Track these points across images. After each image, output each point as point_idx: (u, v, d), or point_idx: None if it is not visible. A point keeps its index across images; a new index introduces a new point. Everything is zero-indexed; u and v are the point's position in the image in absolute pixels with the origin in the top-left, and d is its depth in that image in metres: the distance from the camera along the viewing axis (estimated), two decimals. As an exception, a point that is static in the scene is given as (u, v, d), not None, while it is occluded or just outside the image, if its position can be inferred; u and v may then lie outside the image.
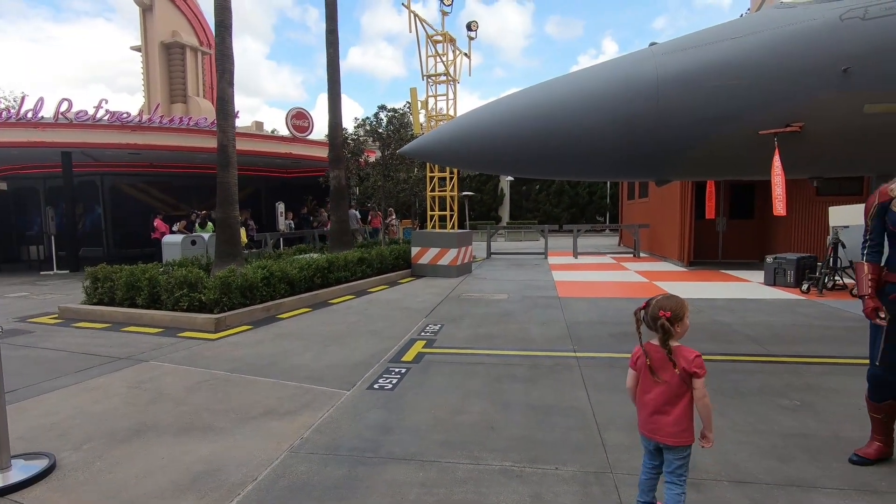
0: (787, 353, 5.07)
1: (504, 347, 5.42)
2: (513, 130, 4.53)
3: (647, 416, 2.19)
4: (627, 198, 21.50)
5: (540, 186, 38.49)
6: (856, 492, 2.54)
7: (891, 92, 3.98)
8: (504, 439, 3.19)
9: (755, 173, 4.92)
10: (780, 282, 9.52)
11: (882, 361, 2.77)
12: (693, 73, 4.20)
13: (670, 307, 2.13)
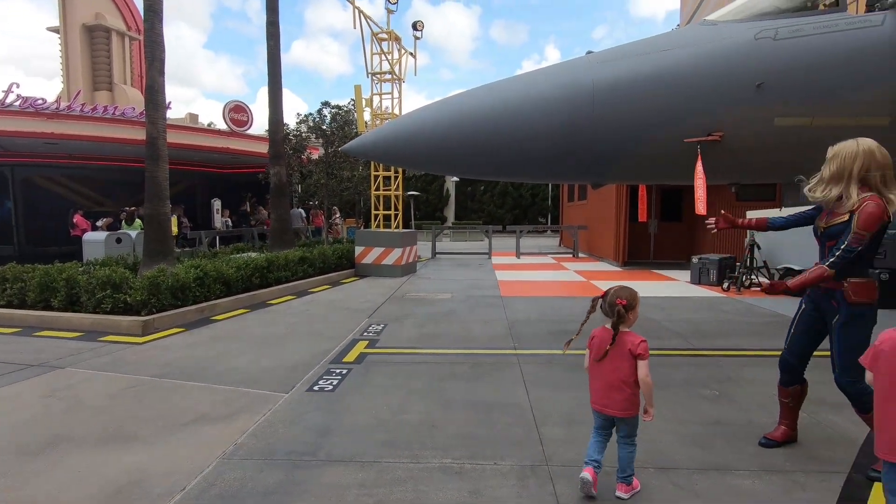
0: (710, 346, 5.44)
1: (447, 346, 5.46)
2: (457, 131, 4.58)
3: (598, 392, 2.53)
4: (567, 200, 22.28)
5: (485, 187, 39.12)
6: (765, 472, 2.77)
7: (797, 107, 4.38)
8: (445, 437, 3.22)
9: (682, 178, 5.24)
10: (704, 281, 10.19)
11: (790, 347, 3.05)
12: (626, 82, 4.42)
13: (626, 296, 2.50)
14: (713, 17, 4.79)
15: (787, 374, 3.09)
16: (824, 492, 2.58)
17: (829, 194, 2.75)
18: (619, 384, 2.45)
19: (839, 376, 2.77)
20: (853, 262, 2.66)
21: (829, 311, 2.82)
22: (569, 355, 5.06)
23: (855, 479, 2.69)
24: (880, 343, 1.96)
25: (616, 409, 2.47)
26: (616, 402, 2.46)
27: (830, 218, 2.79)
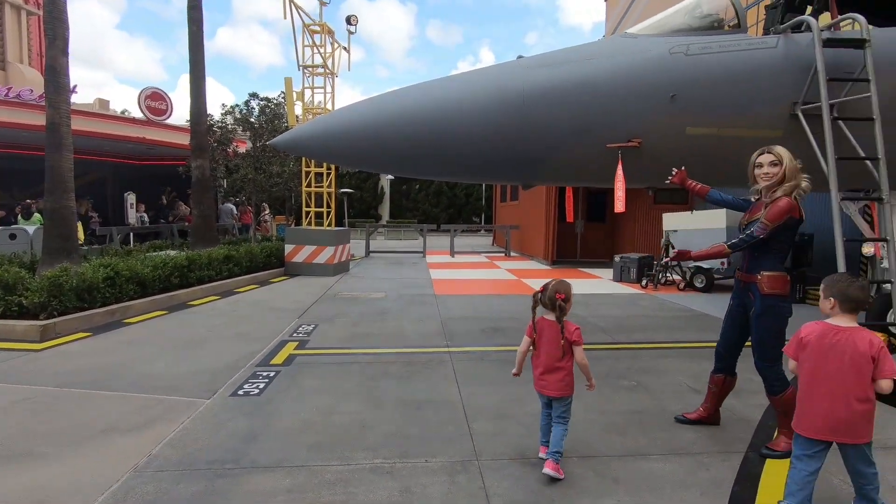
0: (629, 340, 5.79)
1: (380, 346, 5.41)
2: (393, 130, 4.55)
3: (539, 375, 2.80)
4: (500, 200, 22.82)
5: (420, 186, 39.15)
6: (674, 455, 2.99)
7: (706, 117, 4.74)
8: (376, 437, 3.19)
9: (606, 181, 5.52)
10: (625, 278, 10.82)
11: (721, 340, 3.35)
12: (554, 88, 4.59)
13: (564, 290, 2.76)
14: (633, 31, 5.09)
15: (719, 363, 3.39)
16: (725, 470, 2.82)
17: (776, 195, 2.98)
18: (555, 368, 2.73)
19: (758, 361, 3.06)
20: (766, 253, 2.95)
21: (748, 304, 3.11)
22: (500, 351, 5.22)
23: (751, 458, 2.98)
24: (806, 335, 2.28)
25: (552, 390, 2.74)
26: (552, 384, 2.74)
27: (752, 214, 3.07)
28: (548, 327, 2.77)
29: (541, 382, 2.79)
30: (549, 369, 2.75)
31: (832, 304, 2.31)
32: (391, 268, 13.25)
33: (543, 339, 2.79)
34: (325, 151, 4.85)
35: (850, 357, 2.19)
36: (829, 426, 2.22)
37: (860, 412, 2.19)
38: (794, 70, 4.75)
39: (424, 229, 17.80)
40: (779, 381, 3.01)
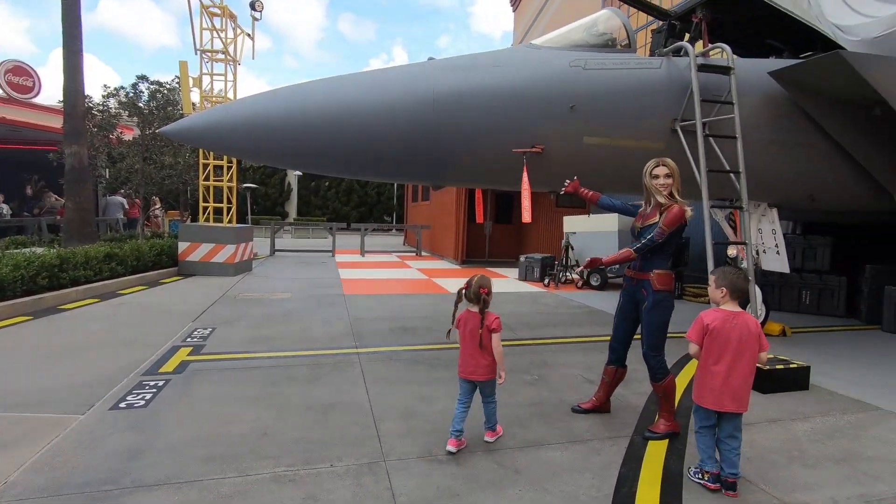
0: (531, 336, 6.08)
1: (284, 349, 5.18)
2: (300, 124, 4.38)
3: (464, 363, 3.07)
4: (412, 200, 22.90)
5: (329, 183, 38.12)
6: (570, 443, 3.20)
7: (601, 128, 5.11)
8: (278, 444, 3.05)
9: (512, 184, 5.76)
10: (529, 277, 11.36)
11: (614, 334, 3.62)
12: (464, 91, 4.69)
13: (487, 285, 3.08)
14: (538, 42, 5.36)
15: (612, 355, 3.66)
16: (614, 454, 3.07)
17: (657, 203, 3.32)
18: (479, 354, 3.03)
19: (647, 350, 3.34)
20: (657, 255, 3.28)
21: (640, 299, 3.39)
22: (409, 351, 5.23)
23: (636, 441, 3.26)
24: (710, 321, 2.71)
25: (480, 374, 3.04)
26: (480, 368, 3.03)
27: (646, 219, 3.35)
28: (471, 318, 3.08)
29: (467, 369, 3.06)
30: (474, 356, 3.04)
31: (724, 293, 2.74)
32: (298, 267, 12.75)
33: (467, 330, 3.07)
34: (222, 143, 4.53)
35: (746, 336, 2.66)
36: (729, 397, 2.65)
37: (749, 383, 2.68)
38: (675, 90, 5.28)
39: (334, 228, 17.37)
40: (661, 369, 3.33)
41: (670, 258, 3.45)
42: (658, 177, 3.31)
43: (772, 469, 2.94)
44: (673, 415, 3.36)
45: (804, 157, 5.90)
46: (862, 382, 4.55)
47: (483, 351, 3.02)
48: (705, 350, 2.72)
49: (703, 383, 2.73)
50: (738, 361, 2.64)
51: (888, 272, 7.30)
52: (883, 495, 2.68)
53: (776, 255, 6.36)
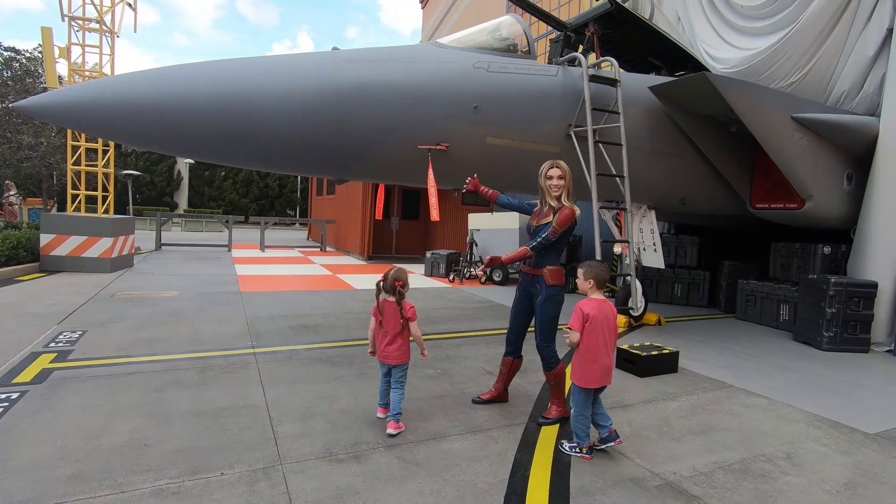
0: (436, 331, 6.17)
1: (170, 351, 4.77)
2: (190, 107, 4.02)
3: (382, 348, 3.31)
4: (316, 193, 22.16)
5: (226, 173, 35.67)
6: (470, 433, 3.30)
7: (502, 129, 5.32)
8: (160, 455, 2.80)
9: (418, 181, 5.79)
10: (435, 273, 11.52)
11: (511, 327, 3.78)
12: (369, 84, 4.62)
13: (402, 278, 3.30)
14: (444, 41, 5.44)
15: (509, 346, 3.82)
16: (510, 441, 3.22)
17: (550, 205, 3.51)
18: (394, 341, 3.27)
19: (540, 342, 3.55)
20: (549, 252, 3.50)
21: (535, 294, 3.58)
22: (310, 349, 5.07)
23: (530, 428, 3.45)
24: (589, 311, 3.01)
25: (392, 359, 3.28)
26: (392, 353, 3.27)
27: (540, 219, 3.53)
28: (388, 307, 3.28)
29: (384, 353, 3.30)
30: (391, 342, 3.27)
31: (591, 284, 3.13)
32: (189, 263, 11.79)
33: (385, 318, 3.28)
34: (93, 123, 4.03)
35: (611, 320, 3.08)
36: (604, 374, 3.05)
37: (613, 359, 3.12)
38: (569, 97, 5.64)
39: (230, 221, 16.28)
40: (553, 358, 3.57)
41: (560, 255, 3.70)
42: (552, 178, 3.52)
43: (645, 444, 3.27)
44: (563, 401, 3.61)
45: (677, 165, 6.61)
46: (720, 364, 5.22)
47: (396, 338, 3.27)
48: (586, 336, 3.02)
49: (587, 366, 3.03)
50: (610, 342, 3.06)
51: (742, 268, 8.43)
52: (731, 460, 3.10)
53: (654, 252, 7.07)
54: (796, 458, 3.18)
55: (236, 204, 35.12)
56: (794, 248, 7.49)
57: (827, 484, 2.87)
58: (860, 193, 6.47)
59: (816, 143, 6.30)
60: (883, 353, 6.05)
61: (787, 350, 6.02)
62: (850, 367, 5.39)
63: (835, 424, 3.74)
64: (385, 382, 3.40)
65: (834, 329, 6.00)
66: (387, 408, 3.34)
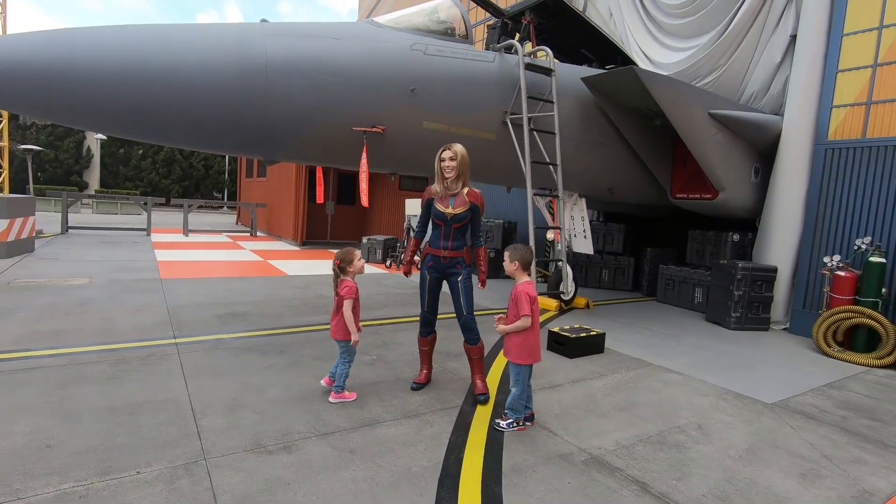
0: (373, 317, 6.09)
1: (77, 344, 4.37)
2: (96, 73, 3.65)
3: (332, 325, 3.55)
4: (246, 175, 21.08)
5: (144, 151, 33.09)
6: (405, 418, 3.30)
7: (438, 114, 5.27)
8: (66, 457, 2.56)
9: (353, 164, 5.64)
10: (372, 259, 11.36)
11: (428, 307, 3.77)
12: (301, 60, 4.41)
13: (341, 257, 3.52)
14: (380, 20, 5.28)
15: (426, 326, 3.85)
16: (445, 424, 3.25)
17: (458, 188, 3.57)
18: (335, 314, 3.51)
19: (468, 316, 3.64)
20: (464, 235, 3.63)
21: (453, 274, 3.64)
22: (238, 338, 4.84)
23: (465, 410, 3.50)
24: (534, 294, 3.19)
25: (332, 333, 3.54)
26: (333, 328, 3.53)
27: (455, 206, 3.52)
28: (339, 285, 3.49)
29: (332, 330, 3.55)
30: (333, 316, 3.53)
31: (516, 266, 3.26)
32: (101, 248, 10.86)
33: (337, 296, 3.50)
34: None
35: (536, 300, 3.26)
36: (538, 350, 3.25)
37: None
38: (505, 84, 5.70)
39: (150, 203, 15.14)
40: (476, 331, 3.70)
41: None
42: (444, 160, 3.58)
43: (573, 422, 3.42)
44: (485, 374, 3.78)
45: (606, 155, 6.90)
46: (641, 344, 5.55)
47: (336, 313, 3.50)
48: (534, 315, 3.19)
49: (535, 344, 3.22)
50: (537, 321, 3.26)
51: (662, 254, 8.99)
52: (650, 433, 3.31)
53: (584, 239, 7.36)
54: (706, 428, 3.45)
55: (157, 185, 32.70)
56: (708, 235, 8.09)
57: (732, 450, 3.14)
58: (765, 186, 7.07)
59: (729, 138, 6.79)
60: (780, 330, 6.70)
61: (700, 330, 6.51)
62: (753, 343, 5.92)
63: (739, 396, 4.09)
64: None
65: (740, 310, 6.56)
66: (332, 376, 3.56)
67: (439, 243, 3.63)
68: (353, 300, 3.44)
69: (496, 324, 3.25)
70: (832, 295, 5.84)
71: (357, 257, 3.55)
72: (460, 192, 3.56)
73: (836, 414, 3.86)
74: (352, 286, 3.45)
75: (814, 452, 3.19)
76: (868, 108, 5.96)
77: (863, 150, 5.99)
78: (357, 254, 3.57)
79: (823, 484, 2.81)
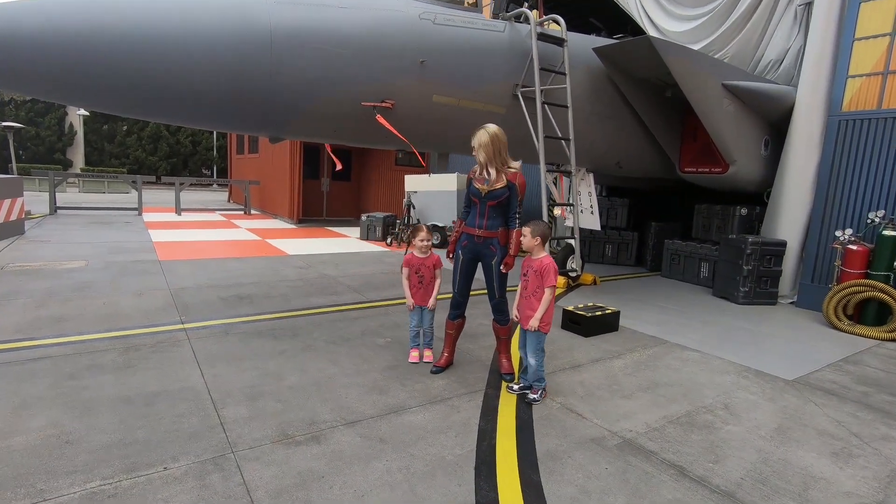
0: (380, 297, 5.99)
1: (83, 331, 4.24)
2: (79, 42, 3.39)
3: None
4: (237, 152, 20.60)
5: (128, 127, 32.25)
6: (430, 404, 3.23)
7: (449, 87, 5.07)
8: (87, 453, 2.47)
9: (363, 140, 5.43)
10: (371, 237, 11.21)
11: (459, 290, 3.70)
12: (308, 31, 4.17)
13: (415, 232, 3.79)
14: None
15: (455, 309, 3.77)
16: (472, 409, 3.19)
17: (492, 174, 3.44)
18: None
19: (500, 299, 3.61)
20: (500, 216, 3.50)
21: (487, 255, 3.55)
22: (248, 322, 4.72)
23: (490, 394, 3.44)
24: (556, 266, 3.26)
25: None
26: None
27: (493, 184, 3.43)
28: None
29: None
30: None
31: (538, 241, 3.33)
32: (92, 229, 10.60)
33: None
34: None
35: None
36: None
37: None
38: (516, 55, 5.48)
39: (139, 181, 14.75)
40: (508, 313, 3.65)
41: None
42: (474, 147, 3.46)
43: (599, 403, 3.38)
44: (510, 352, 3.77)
45: (615, 128, 6.74)
46: (652, 321, 5.51)
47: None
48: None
49: (550, 312, 3.30)
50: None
51: (667, 229, 8.92)
52: (678, 414, 3.28)
53: (591, 214, 7.26)
54: (732, 407, 3.43)
55: (143, 162, 31.95)
56: (715, 209, 8.01)
57: (762, 430, 3.12)
58: (775, 159, 6.97)
59: (741, 109, 6.65)
60: (787, 304, 6.71)
61: (708, 304, 6.49)
62: (762, 318, 5.92)
63: (760, 374, 4.08)
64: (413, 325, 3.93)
65: (749, 284, 6.54)
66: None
67: (475, 221, 3.55)
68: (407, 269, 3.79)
69: (516, 311, 3.34)
70: (843, 269, 5.82)
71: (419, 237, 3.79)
72: (500, 171, 3.44)
73: (857, 390, 3.86)
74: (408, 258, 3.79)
75: (842, 430, 3.18)
76: (885, 77, 5.83)
77: (878, 121, 5.88)
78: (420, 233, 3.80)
79: (857, 463, 2.80)
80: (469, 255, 3.63)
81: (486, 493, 2.34)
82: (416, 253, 3.80)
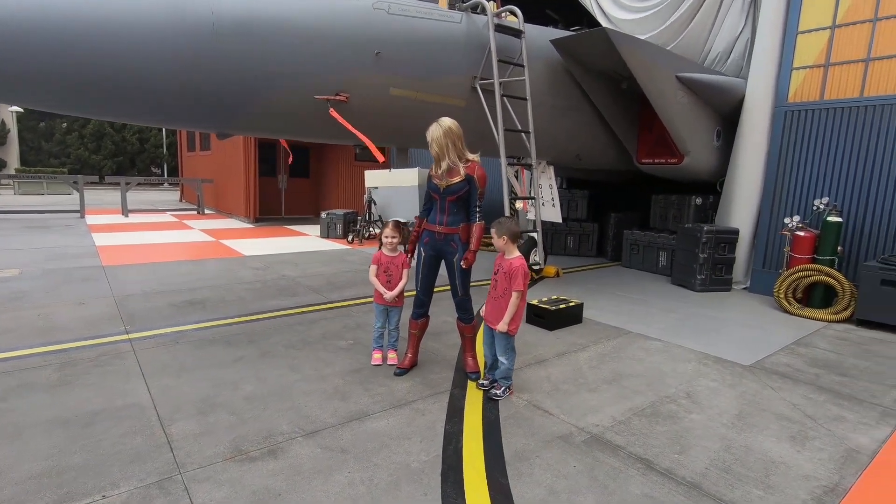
0: (341, 297, 5.82)
1: (14, 346, 3.90)
2: (7, 32, 3.09)
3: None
4: (188, 149, 19.71)
5: (68, 125, 30.39)
6: (394, 409, 3.12)
7: (406, 80, 4.92)
8: (14, 485, 2.23)
9: (318, 135, 5.21)
10: (332, 234, 10.94)
11: (422, 288, 3.62)
12: (254, 19, 3.93)
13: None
14: (335, -25, 4.80)
15: (419, 308, 3.68)
16: (438, 411, 3.10)
17: (443, 168, 3.37)
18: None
19: (464, 296, 3.53)
20: (461, 211, 3.42)
21: (449, 252, 3.46)
22: (201, 329, 4.47)
23: (455, 394, 3.36)
24: (526, 268, 3.17)
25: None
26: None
27: (450, 177, 3.35)
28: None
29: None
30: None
31: (505, 240, 3.24)
32: (29, 233, 9.89)
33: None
34: None
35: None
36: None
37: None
38: (474, 47, 5.37)
39: (81, 182, 13.89)
40: (471, 311, 3.59)
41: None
42: (429, 142, 3.38)
43: (566, 398, 3.35)
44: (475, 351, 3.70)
45: (574, 120, 6.76)
46: (615, 311, 5.57)
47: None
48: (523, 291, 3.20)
49: (519, 314, 3.22)
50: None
51: (626, 219, 9.08)
52: (642, 405, 3.30)
53: (553, 207, 7.28)
54: (694, 395, 3.48)
55: (86, 161, 30.19)
56: (671, 199, 8.20)
57: (723, 417, 3.17)
58: (727, 149, 7.16)
59: (695, 101, 6.79)
60: (741, 290, 6.94)
61: (667, 293, 6.63)
62: (719, 305, 6.09)
63: (719, 360, 4.17)
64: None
65: (705, 272, 6.72)
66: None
67: (435, 218, 3.47)
68: (375, 267, 3.78)
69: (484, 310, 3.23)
70: (792, 254, 6.05)
71: (384, 233, 3.73)
72: (456, 165, 3.35)
73: (809, 372, 4.00)
74: (377, 256, 3.78)
75: (797, 413, 3.27)
76: (826, 69, 6.06)
77: (820, 111, 6.12)
78: (385, 229, 3.73)
79: (813, 445, 2.87)
80: (431, 252, 3.54)
81: (453, 501, 2.26)
82: (385, 251, 3.72)
